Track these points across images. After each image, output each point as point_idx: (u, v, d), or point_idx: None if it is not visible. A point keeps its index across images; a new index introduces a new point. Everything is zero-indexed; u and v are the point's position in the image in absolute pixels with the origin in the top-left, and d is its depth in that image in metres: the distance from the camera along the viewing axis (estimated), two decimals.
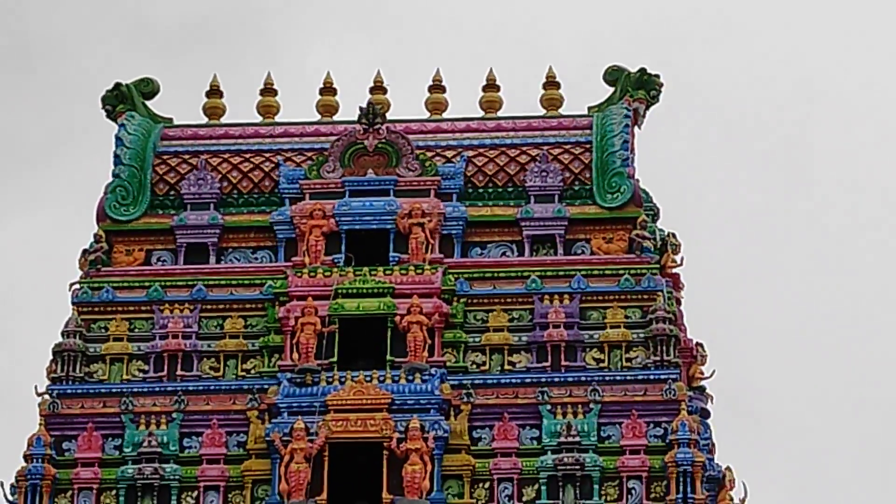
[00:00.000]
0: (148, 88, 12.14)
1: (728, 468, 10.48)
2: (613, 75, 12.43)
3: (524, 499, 10.98)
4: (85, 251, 11.81)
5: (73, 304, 11.41)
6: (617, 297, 11.35)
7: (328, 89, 12.74)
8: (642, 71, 12.58)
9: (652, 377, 10.62)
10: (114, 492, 10.56)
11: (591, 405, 10.53)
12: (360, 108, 11.97)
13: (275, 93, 12.72)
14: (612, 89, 12.67)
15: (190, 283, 11.38)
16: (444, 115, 13.23)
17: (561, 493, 10.42)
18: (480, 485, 10.84)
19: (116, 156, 12.07)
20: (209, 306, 11.41)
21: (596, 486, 10.41)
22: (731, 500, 10.74)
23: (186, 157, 12.48)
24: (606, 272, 11.52)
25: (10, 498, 10.38)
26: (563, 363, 11.06)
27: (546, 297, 11.27)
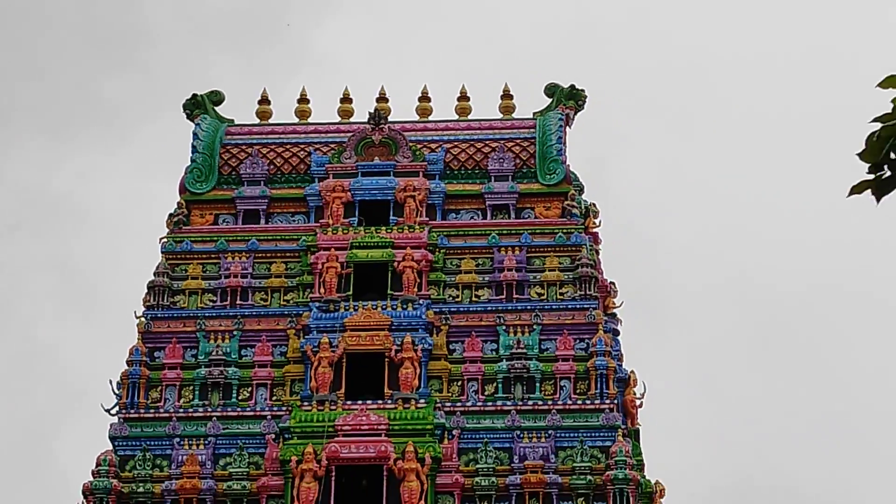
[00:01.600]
0: (216, 98, 14.13)
1: (632, 371, 12.58)
2: (551, 90, 14.18)
3: (486, 394, 13.40)
4: (170, 215, 13.78)
5: (162, 252, 13.63)
6: (553, 249, 13.57)
7: (346, 99, 14.67)
8: (572, 86, 14.43)
9: (578, 306, 12.97)
10: (191, 387, 12.89)
11: (535, 326, 12.85)
12: (369, 113, 13.84)
13: (307, 101, 14.60)
14: (549, 99, 14.54)
15: (246, 238, 13.59)
16: (430, 118, 14.76)
17: (512, 389, 12.77)
18: (455, 383, 13.17)
19: (193, 147, 13.85)
20: (260, 255, 13.65)
21: (537, 385, 12.76)
22: (634, 395, 12.87)
23: (244, 147, 14.25)
24: (545, 231, 13.73)
25: (116, 391, 12.52)
26: (514, 296, 13.41)
27: (502, 249, 13.45)
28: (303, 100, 14.40)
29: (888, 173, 2.57)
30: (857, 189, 2.66)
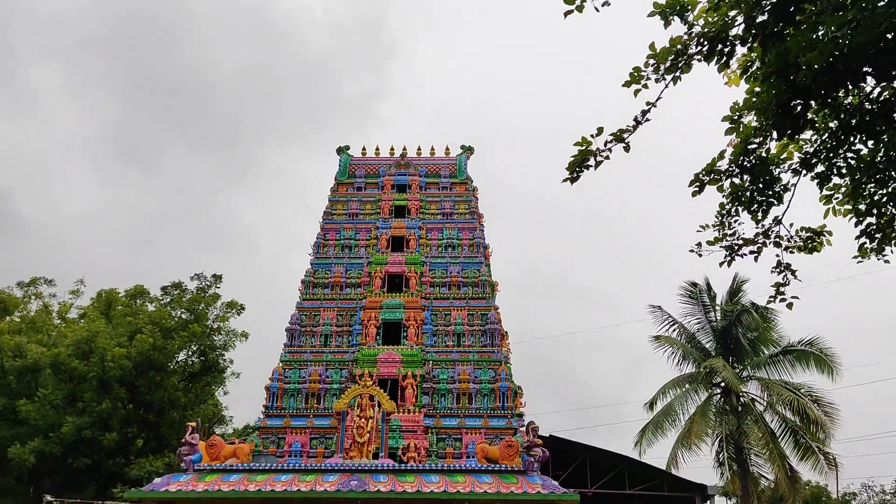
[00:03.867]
0: (346, 148, 31.88)
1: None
2: (462, 147, 32.25)
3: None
4: (332, 189, 31.05)
5: (328, 203, 30.87)
6: (465, 199, 31.02)
7: (392, 151, 32.26)
8: (469, 146, 32.38)
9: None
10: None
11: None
12: (401, 156, 31.38)
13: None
14: (462, 150, 32.18)
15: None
16: (420, 156, 32.31)
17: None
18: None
19: (340, 163, 31.74)
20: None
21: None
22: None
23: (358, 165, 31.85)
24: (462, 194, 31.18)
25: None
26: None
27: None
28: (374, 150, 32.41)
29: None
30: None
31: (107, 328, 27.37)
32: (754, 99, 7.34)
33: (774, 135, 7.39)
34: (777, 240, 8.36)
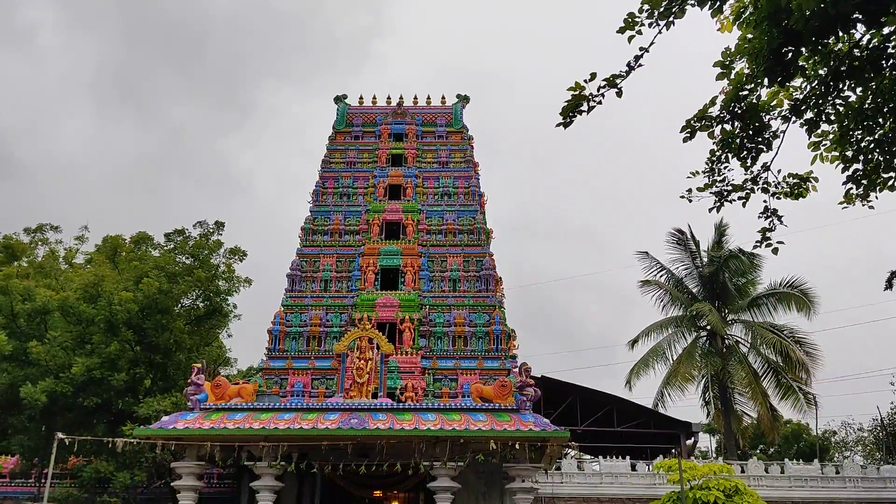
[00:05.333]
0: (343, 97, 31.59)
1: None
2: (458, 96, 31.90)
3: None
4: (330, 138, 30.94)
5: (326, 151, 30.72)
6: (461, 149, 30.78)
7: (389, 99, 31.78)
8: (465, 95, 31.92)
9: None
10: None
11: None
12: (398, 105, 30.98)
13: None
14: (458, 99, 31.53)
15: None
16: (418, 105, 31.57)
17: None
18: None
19: (338, 112, 31.40)
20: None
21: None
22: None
23: (356, 114, 31.52)
24: (458, 143, 30.98)
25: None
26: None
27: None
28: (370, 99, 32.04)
29: None
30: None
31: (113, 273, 27.36)
32: (746, 45, 7.19)
33: (765, 81, 7.26)
34: (765, 186, 8.29)
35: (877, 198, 8.47)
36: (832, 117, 7.86)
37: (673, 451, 32.34)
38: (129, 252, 29.53)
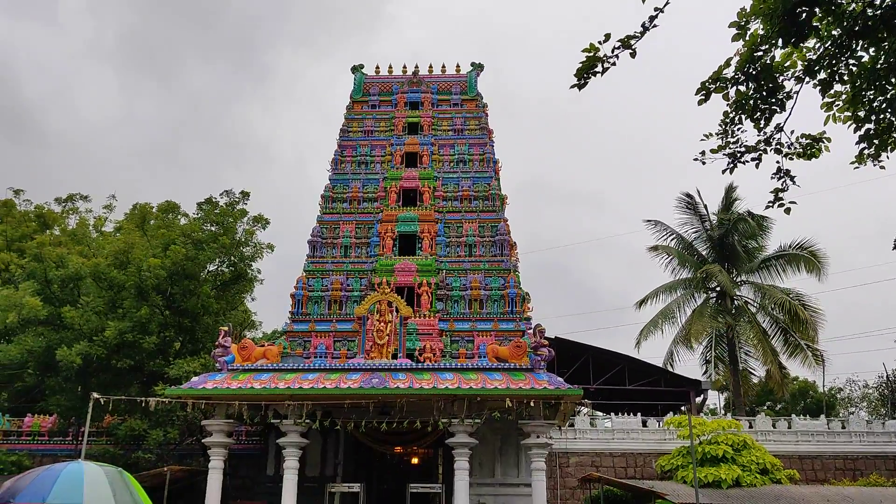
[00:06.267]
0: (360, 67, 31.39)
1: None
2: (473, 64, 31.57)
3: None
4: (348, 107, 30.80)
5: (344, 120, 30.70)
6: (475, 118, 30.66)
7: (404, 68, 31.51)
8: (480, 63, 31.49)
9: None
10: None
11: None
12: (413, 74, 30.92)
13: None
14: (472, 67, 30.87)
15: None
16: (433, 73, 31.09)
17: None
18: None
19: (355, 81, 31.26)
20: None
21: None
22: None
23: (372, 83, 31.28)
24: (472, 111, 30.53)
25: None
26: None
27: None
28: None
29: None
30: None
31: (142, 240, 27.51)
32: (761, 5, 7.02)
33: (780, 42, 7.09)
34: (778, 146, 8.14)
35: (888, 157, 8.31)
36: (845, 77, 7.69)
37: (683, 408, 32.42)
38: (157, 219, 29.67)
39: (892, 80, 7.80)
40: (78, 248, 31.77)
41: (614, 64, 6.65)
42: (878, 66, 7.63)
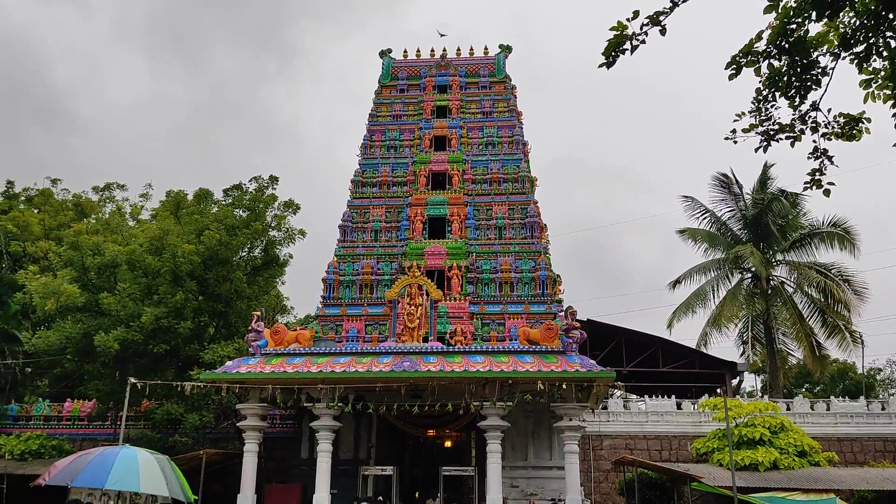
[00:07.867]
0: (388, 51, 31.26)
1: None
2: (501, 46, 31.20)
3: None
4: (376, 92, 30.84)
5: (372, 105, 30.51)
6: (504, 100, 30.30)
7: (432, 52, 31.07)
8: (508, 45, 31.26)
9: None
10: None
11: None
12: (441, 57, 30.57)
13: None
14: (500, 49, 30.59)
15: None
16: (461, 56, 30.82)
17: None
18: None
19: (383, 66, 31.28)
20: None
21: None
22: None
23: (400, 68, 31.12)
24: (501, 93, 30.59)
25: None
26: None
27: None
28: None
29: None
30: None
31: (176, 227, 27.83)
32: None
33: (813, 15, 6.87)
34: (814, 125, 7.90)
35: None
36: (883, 52, 7.42)
37: (718, 390, 32.08)
38: (190, 207, 30.00)
39: None
40: (113, 236, 32.24)
41: (643, 42, 6.50)
42: None
